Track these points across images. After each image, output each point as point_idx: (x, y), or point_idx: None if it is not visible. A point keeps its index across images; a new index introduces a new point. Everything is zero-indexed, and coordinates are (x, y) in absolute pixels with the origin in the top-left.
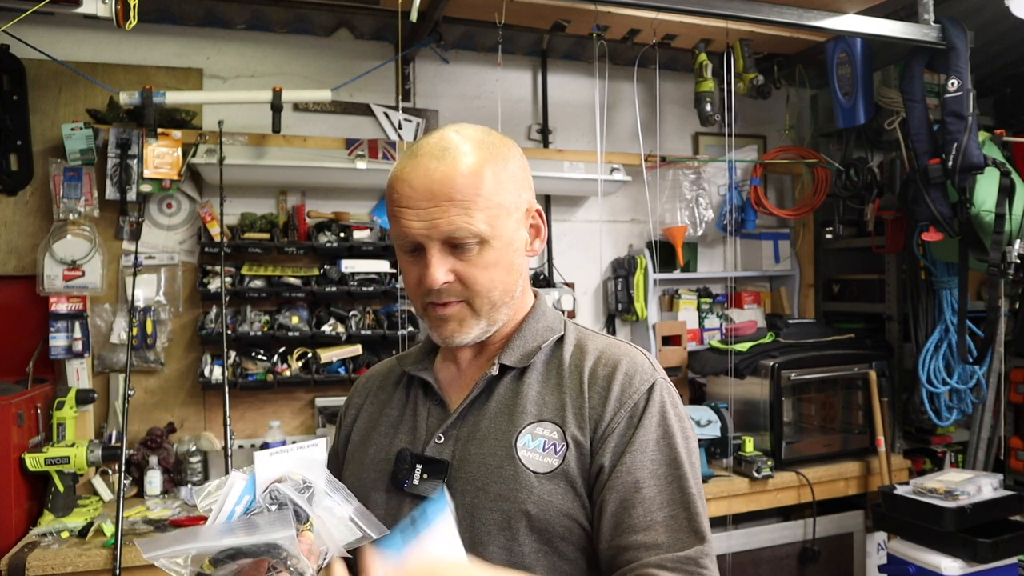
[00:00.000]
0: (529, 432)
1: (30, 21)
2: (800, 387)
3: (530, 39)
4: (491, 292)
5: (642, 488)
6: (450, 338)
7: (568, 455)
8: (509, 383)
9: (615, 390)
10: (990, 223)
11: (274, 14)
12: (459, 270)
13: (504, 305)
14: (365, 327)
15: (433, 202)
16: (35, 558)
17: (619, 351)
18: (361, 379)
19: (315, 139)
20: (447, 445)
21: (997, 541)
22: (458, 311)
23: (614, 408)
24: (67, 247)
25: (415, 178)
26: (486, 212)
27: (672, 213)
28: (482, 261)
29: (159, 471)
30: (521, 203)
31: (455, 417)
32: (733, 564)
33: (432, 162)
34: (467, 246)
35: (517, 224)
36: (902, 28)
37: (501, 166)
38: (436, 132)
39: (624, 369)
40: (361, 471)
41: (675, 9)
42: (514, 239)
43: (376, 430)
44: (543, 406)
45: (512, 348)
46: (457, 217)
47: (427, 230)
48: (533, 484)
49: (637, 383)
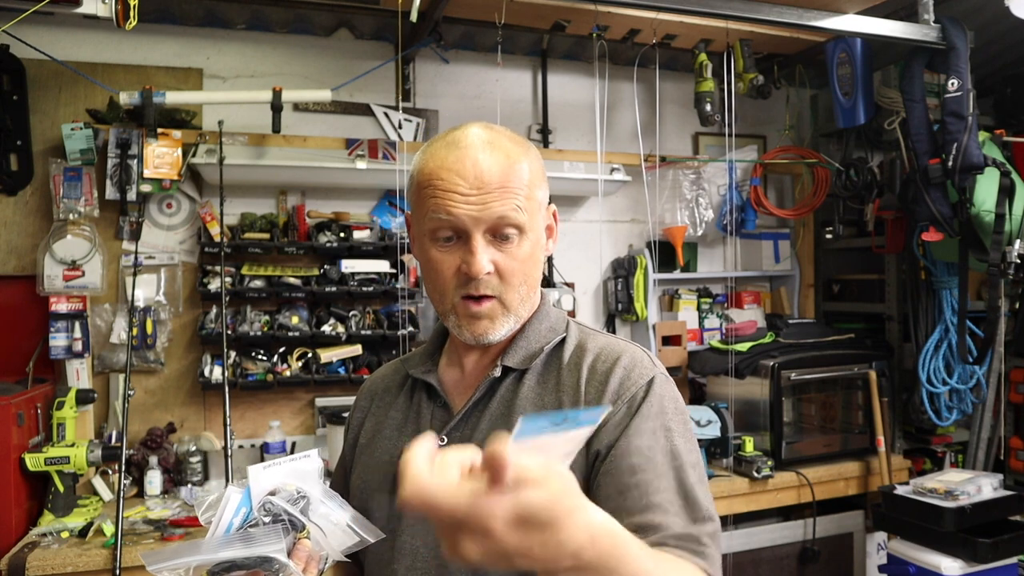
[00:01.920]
0: None
1: (30, 21)
2: (800, 387)
3: (530, 39)
4: (521, 286)
5: (638, 472)
6: (483, 335)
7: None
8: (510, 384)
9: (613, 382)
10: (990, 223)
11: (274, 14)
12: (498, 261)
13: (527, 300)
14: (365, 327)
15: (485, 189)
16: (35, 558)
17: (619, 347)
18: (366, 383)
19: (315, 139)
20: (449, 447)
21: (997, 541)
22: (491, 308)
23: (611, 399)
24: (67, 247)
25: (464, 167)
26: (528, 203)
27: (672, 213)
28: (520, 253)
29: (159, 471)
30: (545, 200)
31: (458, 419)
32: (733, 564)
33: (479, 153)
34: (509, 236)
35: (543, 221)
36: (902, 28)
37: (536, 162)
38: (464, 127)
39: (624, 363)
40: (367, 474)
41: (675, 9)
42: (541, 235)
43: (381, 433)
44: (542, 407)
45: (516, 349)
46: (509, 203)
47: (478, 213)
48: None
49: (636, 376)
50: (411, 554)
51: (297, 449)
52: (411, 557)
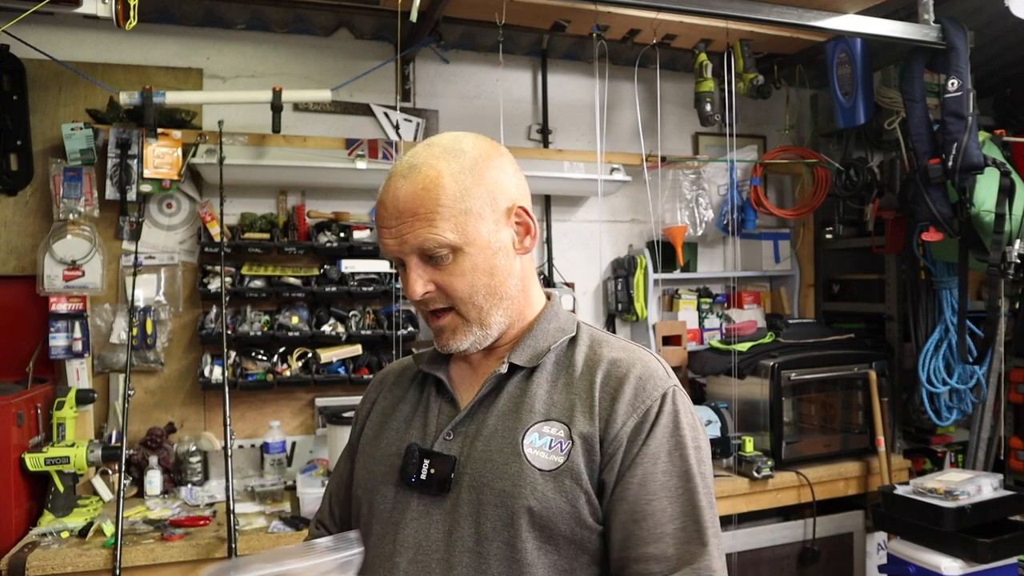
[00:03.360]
0: (536, 431)
1: (30, 21)
2: (800, 387)
3: (530, 39)
4: (473, 297)
5: (652, 500)
6: (446, 346)
7: (573, 452)
8: (518, 382)
9: (627, 393)
10: (990, 223)
11: (274, 14)
12: (437, 280)
13: (495, 308)
14: (365, 327)
15: (400, 219)
16: (35, 558)
17: (633, 355)
18: (378, 375)
19: (315, 139)
20: (455, 442)
21: (997, 541)
22: (450, 321)
23: (625, 412)
24: (67, 247)
25: (386, 199)
26: (452, 221)
27: (672, 213)
28: (458, 269)
29: (159, 471)
30: (499, 204)
31: (464, 414)
32: (733, 564)
33: (399, 181)
34: (440, 256)
35: (496, 226)
36: (902, 28)
37: (468, 171)
38: (415, 147)
39: (638, 374)
40: (372, 464)
41: (675, 9)
42: (492, 241)
43: (388, 425)
44: (551, 405)
45: (522, 347)
46: (422, 231)
47: (399, 246)
48: (537, 481)
49: (650, 388)
50: (414, 547)
51: (297, 449)
52: (414, 550)
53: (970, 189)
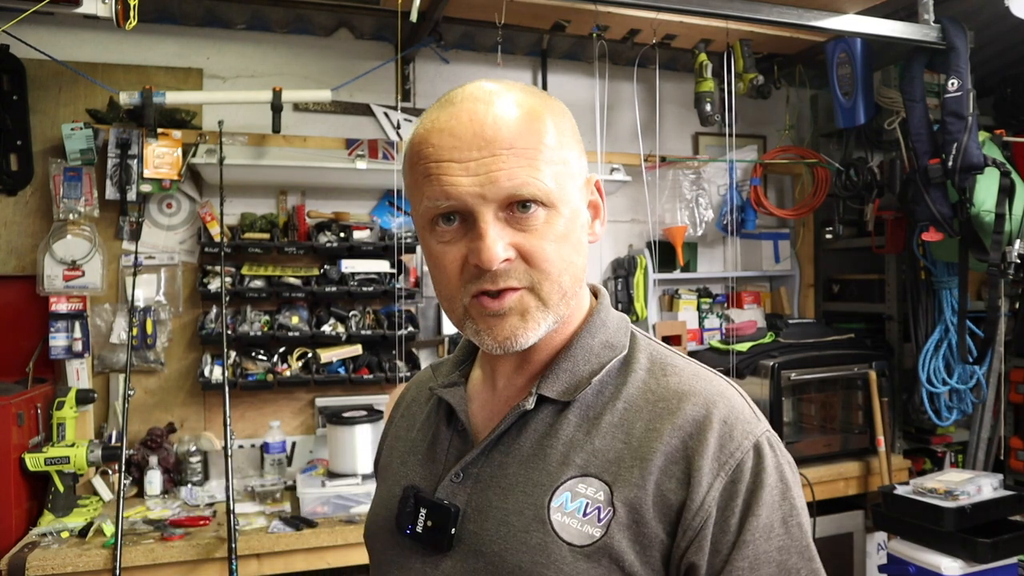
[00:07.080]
0: (569, 489)
1: (30, 21)
2: (800, 387)
3: (530, 39)
4: (563, 275)
5: None
6: (511, 339)
7: (614, 525)
8: (549, 416)
9: (711, 444)
10: (990, 223)
11: (274, 14)
12: (521, 243)
13: (573, 298)
14: (365, 327)
15: (488, 151)
16: (35, 558)
17: (712, 388)
18: (401, 390)
19: (315, 139)
20: (464, 486)
21: (997, 541)
22: (519, 300)
23: (711, 470)
24: (67, 247)
25: (458, 124)
26: (552, 167)
27: (672, 213)
28: (551, 231)
29: (159, 471)
30: (583, 168)
31: (478, 453)
32: None
33: (480, 105)
34: (531, 211)
35: (581, 193)
36: (902, 28)
37: (560, 116)
38: (474, 82)
39: (722, 416)
40: (377, 505)
41: (675, 9)
42: (581, 211)
43: (395, 455)
44: (592, 455)
45: (557, 373)
46: (521, 169)
47: (481, 187)
48: (566, 560)
49: (739, 436)
50: None
51: (297, 449)
52: None
53: (970, 189)
